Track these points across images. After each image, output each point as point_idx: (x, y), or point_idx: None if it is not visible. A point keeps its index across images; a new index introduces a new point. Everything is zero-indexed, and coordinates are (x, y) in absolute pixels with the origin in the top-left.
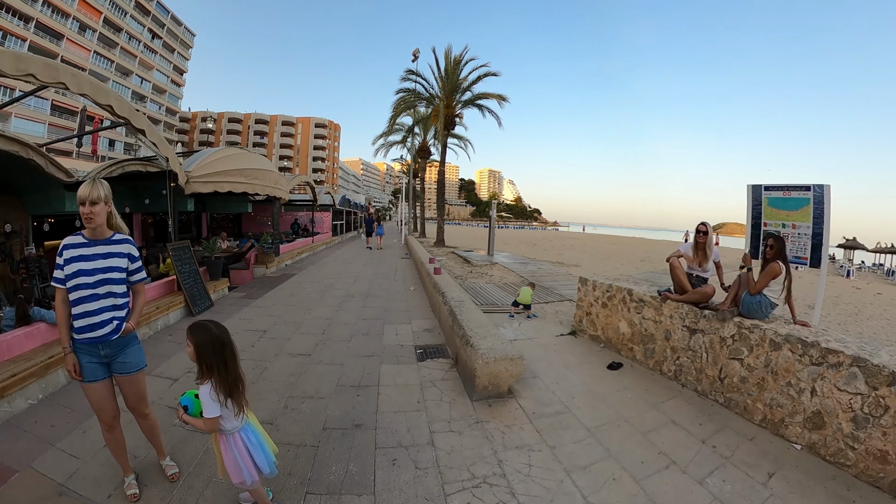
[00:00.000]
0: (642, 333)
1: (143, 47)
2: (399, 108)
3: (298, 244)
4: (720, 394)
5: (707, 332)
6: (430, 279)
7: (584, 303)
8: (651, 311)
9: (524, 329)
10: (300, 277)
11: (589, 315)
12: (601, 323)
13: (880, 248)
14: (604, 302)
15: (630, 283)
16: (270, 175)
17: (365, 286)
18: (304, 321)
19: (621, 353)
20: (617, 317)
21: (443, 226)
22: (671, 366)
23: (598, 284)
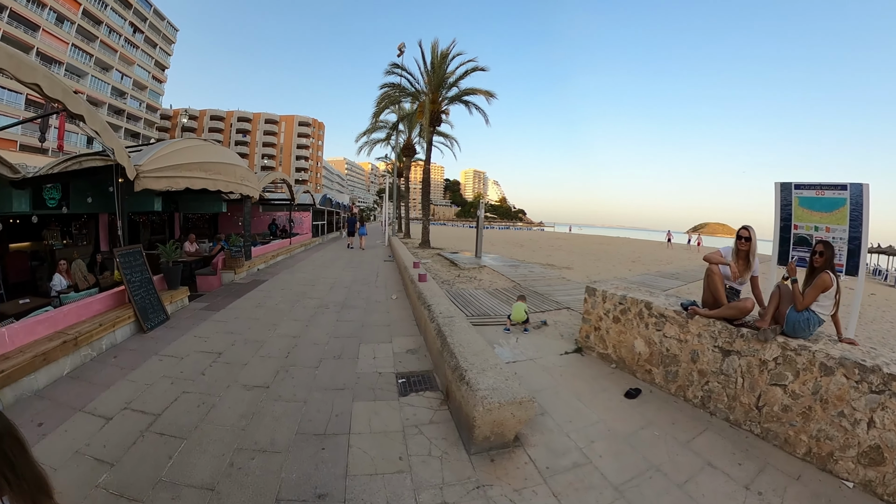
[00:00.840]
0: (663, 354)
1: (123, 41)
2: (382, 103)
3: (273, 247)
4: (756, 424)
5: (744, 354)
6: (414, 287)
7: (591, 316)
8: (675, 329)
9: (523, 346)
10: (271, 284)
11: (598, 330)
12: (612, 340)
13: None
14: (616, 316)
15: (646, 295)
16: (236, 170)
17: (342, 295)
18: (268, 340)
19: (637, 376)
20: (632, 334)
21: (428, 226)
22: (698, 391)
23: (609, 295)
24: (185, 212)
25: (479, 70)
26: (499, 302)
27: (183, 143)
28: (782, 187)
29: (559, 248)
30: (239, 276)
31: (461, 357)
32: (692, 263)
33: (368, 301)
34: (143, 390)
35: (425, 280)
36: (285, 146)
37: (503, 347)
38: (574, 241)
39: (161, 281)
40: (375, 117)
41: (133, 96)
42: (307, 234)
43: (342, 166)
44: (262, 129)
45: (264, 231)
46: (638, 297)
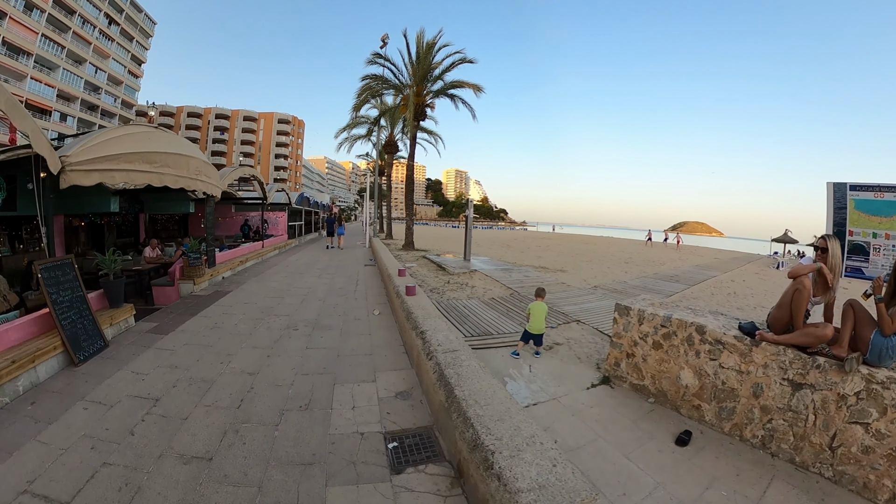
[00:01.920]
0: (717, 387)
1: (98, 33)
2: (363, 95)
3: (242, 251)
4: (828, 466)
5: (819, 388)
6: (400, 302)
7: (623, 340)
8: (734, 358)
9: (539, 377)
10: (235, 297)
11: (631, 357)
12: (651, 369)
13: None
14: (656, 341)
15: (695, 315)
16: (189, 162)
17: (314, 310)
18: (218, 379)
19: (681, 412)
20: (677, 363)
21: (412, 227)
22: (758, 430)
23: (648, 316)
24: (151, 212)
25: (467, 62)
26: (498, 315)
27: (122, 130)
28: (835, 188)
29: (547, 248)
30: (199, 287)
31: (480, 425)
32: (685, 264)
33: (346, 318)
34: (55, 460)
35: (414, 293)
36: (264, 144)
37: (517, 381)
38: (559, 240)
39: (101, 298)
40: (356, 110)
41: (108, 91)
42: (282, 236)
43: (322, 165)
44: (240, 127)
45: (237, 233)
46: (686, 318)
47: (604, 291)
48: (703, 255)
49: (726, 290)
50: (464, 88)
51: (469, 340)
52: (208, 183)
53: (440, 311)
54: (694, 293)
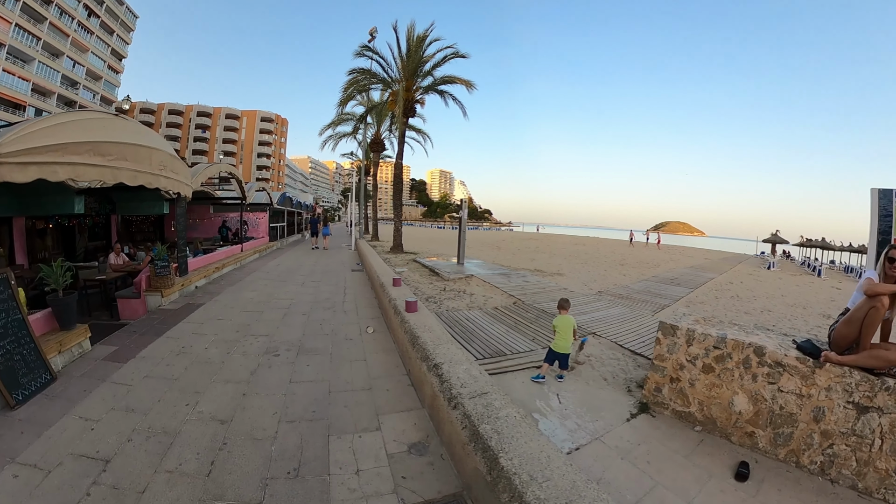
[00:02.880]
0: (774, 412)
1: (77, 25)
2: (350, 89)
3: (218, 256)
4: (894, 492)
5: (887, 412)
6: (399, 319)
7: (667, 363)
8: (795, 381)
9: (572, 410)
10: (207, 311)
11: (676, 382)
12: (699, 395)
13: (803, 241)
14: (707, 364)
15: (747, 334)
16: (153, 156)
17: (298, 328)
18: (184, 428)
19: (732, 440)
20: (730, 387)
21: (401, 228)
22: (816, 456)
23: (699, 336)
24: (123, 213)
25: (459, 57)
26: (506, 329)
27: (69, 116)
28: (881, 195)
29: (537, 249)
30: (168, 300)
31: None
32: (680, 265)
33: (335, 338)
34: None
35: (415, 310)
36: (246, 143)
37: (549, 417)
38: (547, 241)
39: (50, 319)
40: (342, 105)
41: (86, 86)
42: (263, 238)
43: (306, 165)
44: (222, 125)
45: (215, 236)
46: (742, 338)
47: (610, 297)
48: (692, 255)
49: (728, 292)
50: (455, 84)
51: (483, 364)
52: (175, 180)
53: (446, 329)
54: (698, 297)
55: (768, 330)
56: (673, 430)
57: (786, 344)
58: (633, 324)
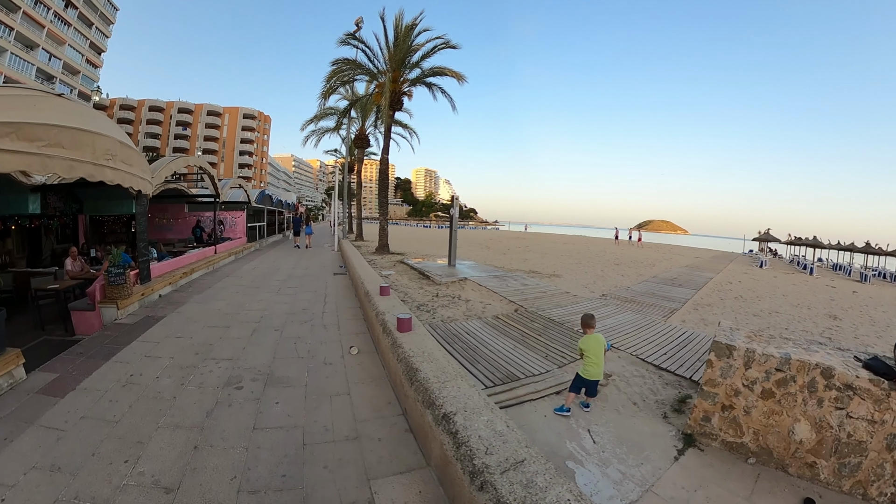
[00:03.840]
0: (840, 440)
1: (53, 16)
2: (334, 79)
3: (186, 260)
4: None
5: None
6: (391, 343)
7: (720, 389)
8: (867, 405)
9: (610, 451)
10: (167, 327)
11: (729, 410)
12: (755, 423)
13: (792, 240)
14: (767, 389)
15: (808, 352)
16: (97, 142)
17: (268, 348)
18: (118, 501)
19: (788, 471)
20: (791, 413)
21: (387, 227)
22: (887, 487)
23: (759, 358)
24: (91, 213)
25: (450, 48)
26: (513, 344)
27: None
28: None
29: (526, 249)
30: (125, 312)
31: None
32: (674, 265)
33: (312, 362)
34: None
35: (409, 328)
36: (228, 140)
37: (586, 466)
38: (535, 240)
39: None
40: (324, 97)
41: (63, 81)
42: (240, 239)
43: (289, 164)
44: (204, 122)
45: (189, 236)
46: (808, 359)
47: (616, 301)
48: (682, 253)
49: (730, 293)
50: (445, 77)
51: (494, 394)
52: (127, 173)
53: (434, 336)
54: (704, 299)
55: (821, 344)
56: (726, 467)
57: (850, 362)
58: (649, 332)
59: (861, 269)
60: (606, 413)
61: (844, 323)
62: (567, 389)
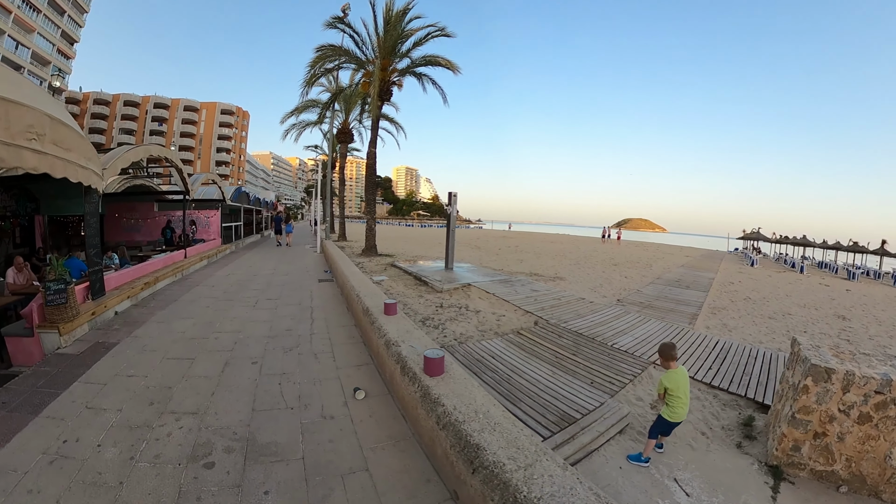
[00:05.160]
0: None
1: (21, 1)
2: (318, 64)
3: (149, 267)
4: None
5: None
6: (419, 391)
7: (813, 416)
8: None
9: (707, 502)
10: (117, 359)
11: (822, 437)
12: (848, 450)
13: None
14: (865, 413)
15: None
16: (10, 113)
17: (245, 394)
18: None
19: (882, 497)
20: (889, 437)
21: (374, 227)
22: None
23: (858, 380)
24: (49, 213)
25: (444, 35)
26: (549, 369)
27: None
28: None
29: (517, 248)
30: (69, 338)
31: None
32: (670, 264)
33: (307, 416)
34: None
35: (441, 370)
36: (205, 136)
37: None
38: (522, 239)
39: None
40: (308, 85)
41: (31, 72)
42: (215, 241)
43: (268, 161)
44: (180, 118)
45: (159, 238)
46: None
47: (635, 308)
48: (672, 252)
49: (737, 294)
50: (437, 67)
51: (556, 445)
52: (61, 160)
53: (460, 365)
54: (715, 301)
55: None
56: (822, 498)
57: None
58: (683, 343)
59: (849, 267)
60: (680, 450)
61: (854, 323)
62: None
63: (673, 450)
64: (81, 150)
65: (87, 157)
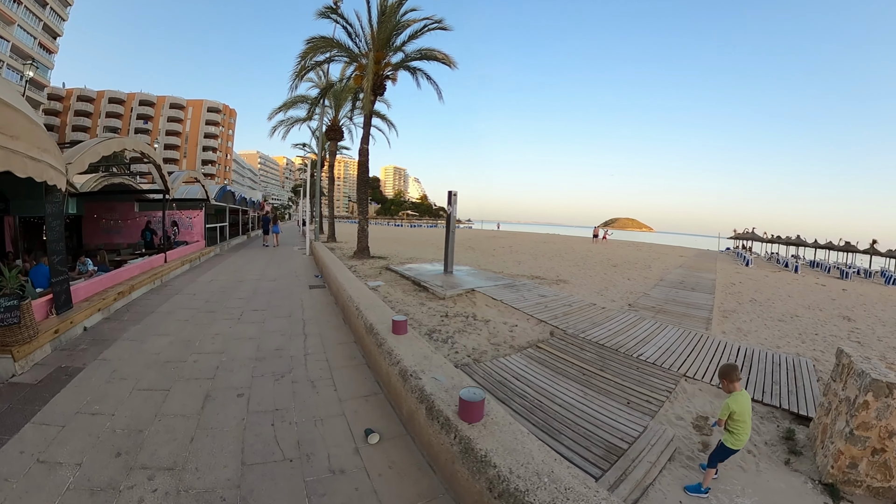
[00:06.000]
0: None
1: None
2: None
3: (124, 274)
4: None
5: None
6: (456, 445)
7: (873, 430)
8: None
9: None
10: (79, 391)
11: (881, 453)
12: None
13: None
14: None
15: None
16: None
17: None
18: None
19: None
20: None
21: (366, 228)
22: None
23: None
24: (20, 214)
25: (441, 29)
26: (580, 390)
27: None
28: None
29: (511, 249)
30: (27, 363)
31: None
32: (668, 265)
33: (310, 471)
34: None
35: (481, 414)
36: (191, 135)
37: None
38: (514, 239)
39: None
40: (298, 77)
41: (10, 66)
42: (198, 243)
43: (255, 160)
44: (166, 116)
45: (139, 241)
46: None
47: (649, 314)
48: (665, 252)
49: (743, 296)
50: (433, 61)
51: (611, 486)
52: (9, 151)
53: (490, 395)
54: (724, 304)
55: None
56: None
57: None
58: (705, 351)
59: (842, 266)
60: (733, 474)
61: (860, 324)
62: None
63: (726, 474)
64: (33, 140)
65: (42, 149)
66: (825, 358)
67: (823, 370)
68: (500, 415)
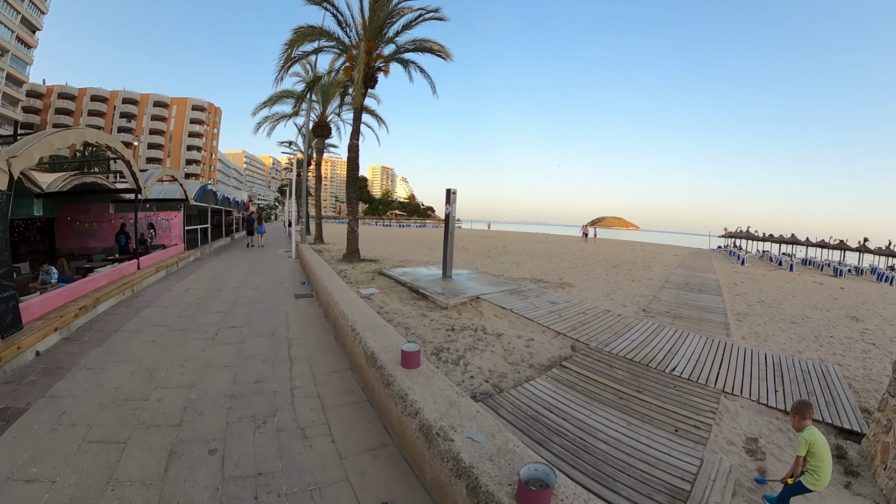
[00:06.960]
0: None
1: None
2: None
3: (89, 285)
4: None
5: None
6: None
7: None
8: None
9: None
10: (17, 443)
11: None
12: None
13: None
14: None
15: None
16: None
17: None
18: None
19: None
20: None
21: (356, 229)
22: None
23: None
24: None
25: (437, 19)
26: (622, 418)
27: None
28: None
29: (506, 249)
30: None
31: None
32: (667, 265)
33: None
34: None
35: (549, 498)
36: (175, 133)
37: None
38: (506, 239)
39: None
40: (284, 68)
41: None
42: (176, 247)
43: (240, 160)
44: (150, 114)
45: (114, 245)
46: None
47: (667, 320)
48: (658, 251)
49: (748, 297)
50: (427, 53)
51: None
52: None
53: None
54: (734, 306)
55: None
56: None
57: None
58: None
59: (835, 264)
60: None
61: (869, 325)
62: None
63: None
64: None
65: None
66: (846, 363)
67: (850, 377)
68: (571, 491)
